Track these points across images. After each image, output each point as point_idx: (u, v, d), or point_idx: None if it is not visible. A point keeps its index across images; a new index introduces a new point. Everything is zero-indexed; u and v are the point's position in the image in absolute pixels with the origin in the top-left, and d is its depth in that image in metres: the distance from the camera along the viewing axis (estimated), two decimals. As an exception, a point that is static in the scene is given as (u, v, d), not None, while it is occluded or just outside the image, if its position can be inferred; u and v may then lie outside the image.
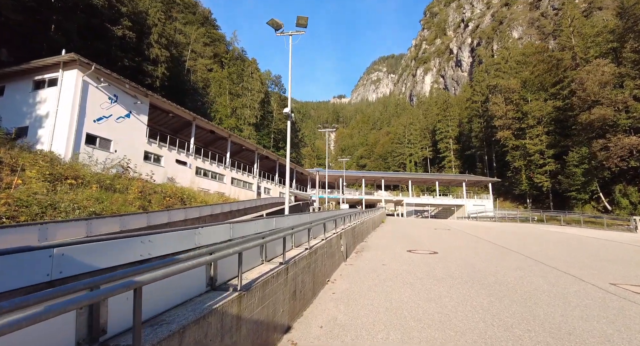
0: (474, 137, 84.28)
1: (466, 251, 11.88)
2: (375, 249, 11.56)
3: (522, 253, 11.48)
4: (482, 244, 13.67)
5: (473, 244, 13.63)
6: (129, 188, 15.67)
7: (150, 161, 28.50)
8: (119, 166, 19.11)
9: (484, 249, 12.48)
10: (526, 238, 16.58)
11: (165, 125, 38.36)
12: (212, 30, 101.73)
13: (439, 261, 9.77)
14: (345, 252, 9.01)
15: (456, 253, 11.38)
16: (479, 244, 13.62)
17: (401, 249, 11.78)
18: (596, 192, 46.51)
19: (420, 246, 12.63)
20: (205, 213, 15.29)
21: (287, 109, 12.84)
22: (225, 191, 36.73)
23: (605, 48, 45.97)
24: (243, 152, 47.77)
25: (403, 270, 8.54)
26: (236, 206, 21.77)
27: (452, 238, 15.75)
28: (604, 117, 40.78)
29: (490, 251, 11.97)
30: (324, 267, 7.69)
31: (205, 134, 39.18)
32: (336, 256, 8.69)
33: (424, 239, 14.50)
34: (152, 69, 55.37)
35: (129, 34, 49.17)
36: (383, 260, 9.69)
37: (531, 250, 12.27)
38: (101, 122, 23.87)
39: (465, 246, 13.26)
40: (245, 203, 23.46)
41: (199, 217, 14.09)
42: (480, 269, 8.89)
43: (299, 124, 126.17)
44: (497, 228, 24.44)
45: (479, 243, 14.01)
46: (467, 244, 13.54)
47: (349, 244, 9.50)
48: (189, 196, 21.53)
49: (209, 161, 35.18)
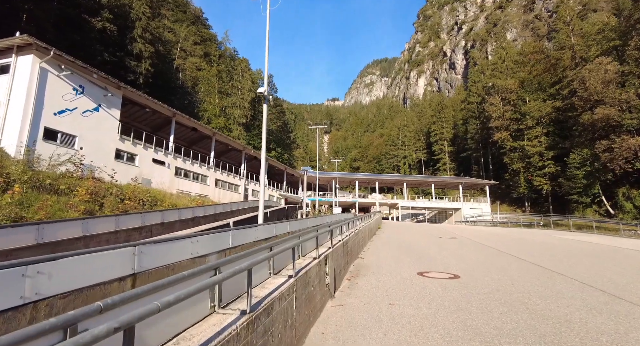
0: (470, 139, 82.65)
1: (494, 272, 9.09)
2: (376, 272, 8.79)
3: (572, 277, 8.62)
4: (507, 261, 11.03)
5: (497, 261, 10.96)
6: (75, 189, 13.06)
7: (123, 160, 25.81)
8: (69, 163, 16.43)
9: (515, 269, 9.73)
10: (551, 250, 13.72)
11: (144, 122, 35.67)
12: (203, 30, 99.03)
13: (469, 293, 6.87)
14: (333, 283, 6.24)
15: (484, 276, 8.50)
16: (503, 261, 11.03)
17: (409, 271, 8.97)
18: (598, 195, 44.78)
19: (432, 265, 9.88)
20: (152, 221, 12.23)
21: (262, 89, 10.50)
22: (208, 194, 34.09)
23: (607, 46, 44.44)
24: (230, 152, 45.15)
25: (422, 317, 5.56)
26: (202, 212, 18.63)
27: (466, 251, 13.21)
28: (607, 117, 39.07)
29: (525, 273, 9.11)
30: (293, 325, 4.26)
31: (187, 132, 36.53)
32: (317, 297, 5.46)
33: (433, 253, 12.18)
34: (135, 65, 52.55)
35: (109, 27, 46.35)
36: (389, 294, 6.83)
37: (578, 272, 9.34)
38: (63, 116, 21.16)
39: (489, 263, 10.51)
40: (216, 207, 20.27)
41: (141, 226, 11.22)
42: (539, 312, 5.78)
43: (291, 125, 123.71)
44: (506, 234, 22.09)
45: (502, 259, 11.38)
46: (490, 261, 10.97)
47: (339, 268, 6.87)
48: (155, 199, 18.80)
49: (190, 161, 32.52)
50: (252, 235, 6.62)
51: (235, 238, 5.67)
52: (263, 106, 11.66)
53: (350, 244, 8.91)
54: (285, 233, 9.22)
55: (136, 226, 10.42)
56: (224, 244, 5.23)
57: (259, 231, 7.11)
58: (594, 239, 18.66)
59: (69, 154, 17.58)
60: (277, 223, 8.92)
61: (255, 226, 7.05)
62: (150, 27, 55.96)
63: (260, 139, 64.28)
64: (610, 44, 44.05)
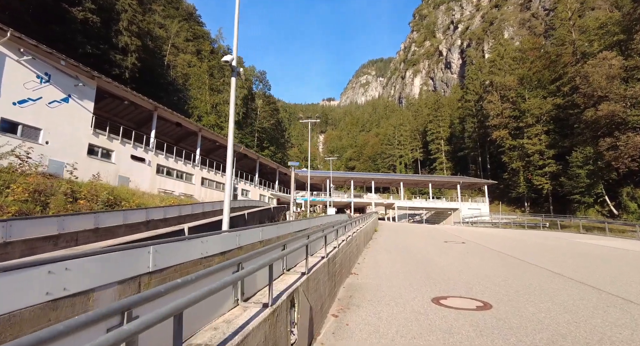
0: (467, 138, 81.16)
1: (538, 298, 6.48)
2: (374, 300, 6.39)
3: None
4: (545, 278, 8.38)
5: (531, 278, 8.33)
6: (10, 186, 10.94)
7: (97, 156, 23.69)
8: (12, 156, 14.27)
9: (563, 291, 7.04)
10: (585, 259, 11.49)
11: (126, 117, 33.50)
12: (196, 27, 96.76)
13: (518, 341, 4.43)
14: (307, 332, 3.87)
15: (526, 305, 6.02)
16: (539, 278, 8.42)
17: (421, 297, 6.59)
18: (601, 195, 43.30)
19: (449, 285, 7.55)
20: (77, 227, 9.76)
21: (228, 57, 8.61)
22: (193, 193, 31.99)
23: (610, 41, 43.00)
24: (219, 150, 43.02)
25: None
26: (162, 214, 15.51)
27: (482, 260, 10.82)
28: (612, 114, 37.56)
29: (581, 299, 6.45)
30: None
31: (171, 128, 34.41)
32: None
33: (444, 264, 10.09)
34: (121, 59, 50.22)
35: (92, 18, 43.98)
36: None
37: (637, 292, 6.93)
38: (25, 106, 19.01)
39: (523, 282, 7.90)
40: (183, 208, 17.40)
41: (57, 235, 8.92)
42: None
43: (286, 124, 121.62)
44: (518, 238, 19.93)
45: (535, 274, 8.74)
46: (522, 278, 8.35)
47: (321, 300, 4.45)
48: (119, 198, 16.54)
49: (173, 158, 30.40)
50: (196, 251, 4.64)
51: (162, 256, 3.69)
52: (231, 80, 9.68)
53: (341, 258, 6.81)
54: (257, 242, 7.26)
55: (51, 235, 8.08)
56: (132, 269, 3.26)
57: (210, 243, 5.09)
58: (618, 244, 16.78)
59: (10, 146, 15.34)
60: (245, 230, 6.93)
61: (203, 237, 4.99)
62: (137, 19, 53.62)
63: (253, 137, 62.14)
64: (613, 38, 42.61)
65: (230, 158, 9.10)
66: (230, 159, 8.92)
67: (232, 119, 9.51)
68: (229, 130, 8.76)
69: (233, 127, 9.38)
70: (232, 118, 9.50)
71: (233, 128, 9.40)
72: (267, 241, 7.80)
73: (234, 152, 41.09)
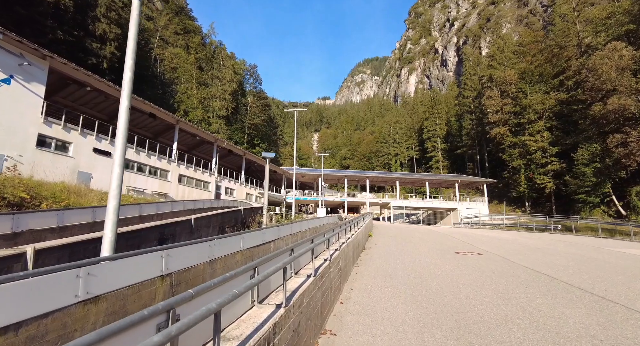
0: (465, 135, 78.67)
1: None
2: None
3: None
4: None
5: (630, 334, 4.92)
6: None
7: (50, 148, 20.53)
8: None
9: None
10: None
11: (95, 108, 30.28)
12: (187, 21, 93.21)
13: None
14: None
15: None
16: None
17: None
18: (608, 195, 40.92)
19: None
20: None
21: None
22: (169, 191, 28.89)
23: (619, 31, 40.55)
24: (203, 145, 39.92)
25: None
26: (54, 221, 10.80)
27: (527, 289, 7.56)
28: (623, 108, 35.10)
29: None
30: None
31: (146, 120, 31.22)
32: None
33: (473, 300, 6.62)
34: (98, 48, 46.83)
35: (64, 1, 40.49)
36: None
37: None
38: (-51, 86, 15.85)
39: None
40: (96, 211, 12.57)
41: None
42: None
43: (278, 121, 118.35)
44: (538, 246, 16.30)
45: (631, 328, 5.18)
46: (601, 336, 4.87)
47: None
48: (40, 196, 13.25)
49: (145, 153, 27.23)
50: None
51: None
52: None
53: (308, 314, 3.91)
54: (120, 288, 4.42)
55: None
56: None
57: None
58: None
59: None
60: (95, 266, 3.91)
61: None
62: (116, 6, 50.13)
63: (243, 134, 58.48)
64: (622, 29, 40.17)
65: (125, 118, 5.29)
66: (124, 120, 5.17)
67: (131, 47, 5.78)
68: (124, 73, 5.30)
69: (132, 66, 5.66)
70: (131, 46, 5.77)
71: (132, 66, 5.69)
72: (167, 275, 4.88)
73: (217, 148, 37.94)
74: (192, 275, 5.21)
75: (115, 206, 4.93)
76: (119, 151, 5.12)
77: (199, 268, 5.46)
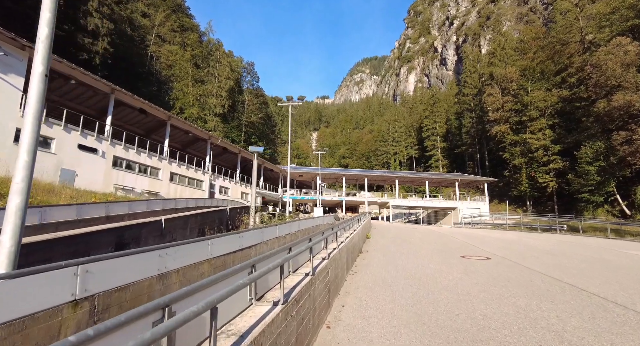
0: (465, 134, 77.72)
1: None
2: None
3: None
4: None
5: None
6: None
7: (31, 144, 19.35)
8: None
9: None
10: None
11: (83, 103, 29.19)
12: (184, 19, 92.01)
13: None
14: None
15: None
16: None
17: None
18: (612, 194, 40.00)
19: None
20: None
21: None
22: (160, 190, 27.84)
23: (624, 26, 39.62)
24: (197, 143, 38.87)
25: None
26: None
27: (553, 304, 6.36)
28: (628, 104, 34.19)
29: None
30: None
31: (137, 117, 30.18)
32: None
33: (500, 329, 5.14)
34: (90, 43, 45.69)
35: (54, -5, 39.25)
36: None
37: None
38: None
39: None
40: (45, 212, 11.25)
41: None
42: None
43: (276, 119, 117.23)
44: (547, 248, 14.91)
45: None
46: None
47: None
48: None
49: (135, 150, 26.18)
50: None
51: None
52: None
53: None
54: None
55: None
56: None
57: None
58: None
59: None
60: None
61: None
62: (109, 0, 48.98)
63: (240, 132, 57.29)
64: (627, 24, 39.24)
65: (38, 87, 3.90)
66: (37, 91, 3.79)
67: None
68: (39, 29, 3.92)
69: (50, 19, 4.15)
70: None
71: (50, 19, 4.17)
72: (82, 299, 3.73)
73: (211, 145, 36.89)
74: (131, 295, 4.05)
75: (19, 205, 3.66)
76: (28, 132, 3.95)
77: (142, 285, 4.29)
